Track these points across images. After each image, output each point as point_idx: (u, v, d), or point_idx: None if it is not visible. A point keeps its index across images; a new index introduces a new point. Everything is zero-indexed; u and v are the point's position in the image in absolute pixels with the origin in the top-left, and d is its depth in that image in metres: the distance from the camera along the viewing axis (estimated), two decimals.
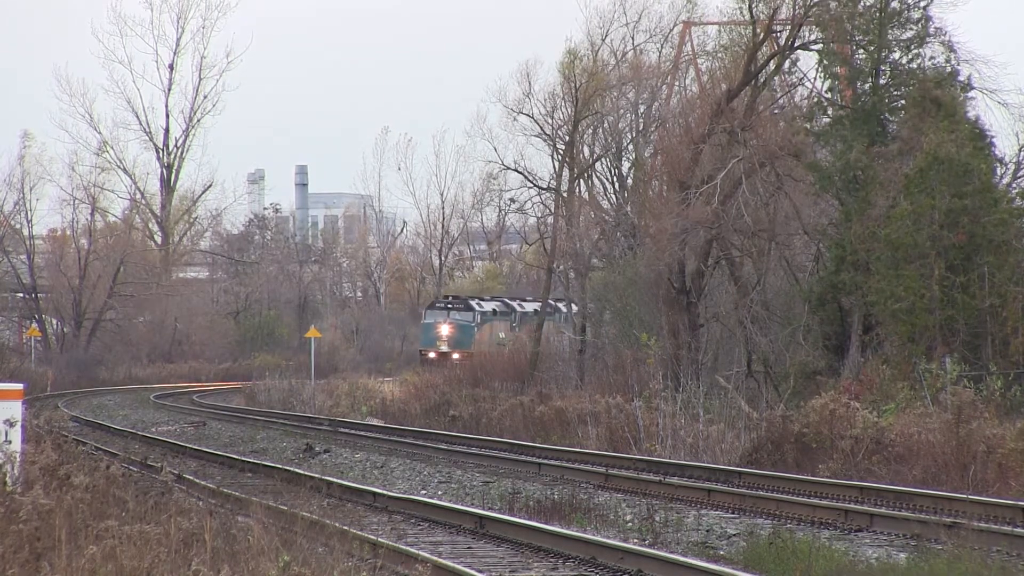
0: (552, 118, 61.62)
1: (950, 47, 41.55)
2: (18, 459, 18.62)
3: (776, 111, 46.07)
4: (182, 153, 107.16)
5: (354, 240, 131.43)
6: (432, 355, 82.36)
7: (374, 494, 25.11)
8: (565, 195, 60.84)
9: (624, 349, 47.06)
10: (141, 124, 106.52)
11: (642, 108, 65.67)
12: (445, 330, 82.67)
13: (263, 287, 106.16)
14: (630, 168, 65.69)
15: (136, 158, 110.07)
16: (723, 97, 43.70)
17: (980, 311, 36.27)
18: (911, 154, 38.52)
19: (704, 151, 43.57)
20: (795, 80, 46.61)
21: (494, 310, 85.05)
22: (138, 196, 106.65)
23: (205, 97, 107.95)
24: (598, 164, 66.34)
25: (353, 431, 43.56)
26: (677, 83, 65.86)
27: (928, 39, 41.63)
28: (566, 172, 61.05)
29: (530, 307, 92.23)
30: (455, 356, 77.83)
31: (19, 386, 19.92)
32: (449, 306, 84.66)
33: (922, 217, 36.77)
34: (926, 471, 26.75)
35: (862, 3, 42.47)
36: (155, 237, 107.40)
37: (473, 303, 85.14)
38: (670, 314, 44.55)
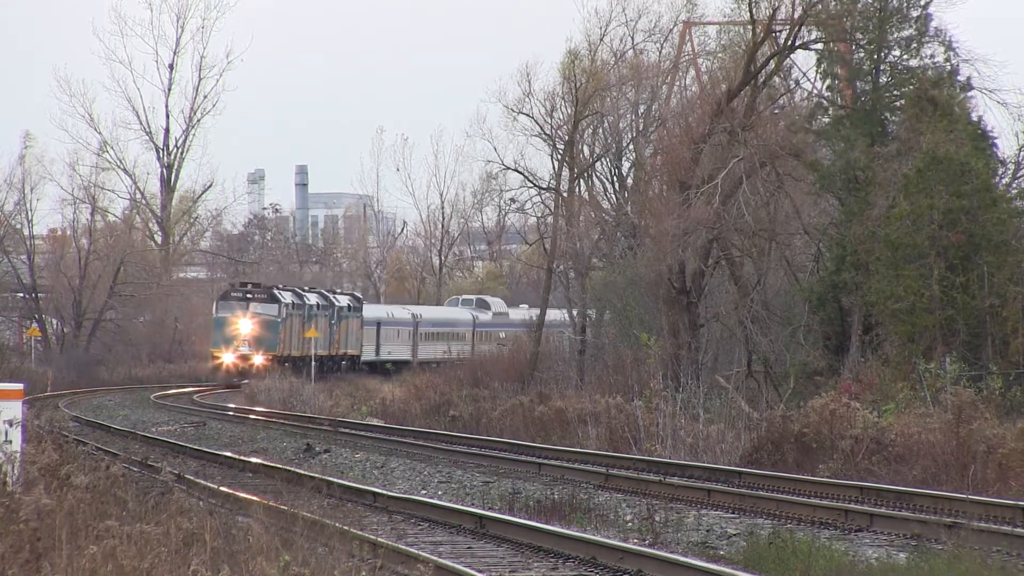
0: (552, 118, 61.68)
1: (950, 46, 41.58)
2: (18, 459, 18.62)
3: (776, 111, 46.08)
4: (182, 153, 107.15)
5: (354, 240, 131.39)
6: (229, 360, 67.38)
7: (374, 494, 25.09)
8: (565, 195, 60.86)
9: (624, 349, 47.06)
10: (141, 124, 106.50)
11: (642, 108, 65.68)
12: (245, 327, 66.93)
13: None
14: (630, 168, 65.69)
15: (136, 158, 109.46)
16: (723, 97, 43.71)
17: (980, 311, 36.25)
18: (910, 154, 38.52)
19: (704, 151, 43.58)
20: (795, 80, 46.67)
21: (293, 303, 71.63)
22: (138, 196, 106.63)
23: (205, 97, 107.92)
24: (598, 164, 66.35)
25: (353, 431, 43.51)
26: (677, 83, 65.87)
27: (928, 38, 41.65)
28: (566, 172, 61.09)
29: (344, 300, 79.61)
30: (257, 360, 63.66)
31: (19, 386, 19.92)
32: (248, 296, 69.61)
33: (921, 217, 36.76)
34: (926, 471, 26.74)
35: (862, 2, 42.49)
36: (155, 237, 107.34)
37: (276, 292, 71.26)
38: (670, 314, 44.54)
